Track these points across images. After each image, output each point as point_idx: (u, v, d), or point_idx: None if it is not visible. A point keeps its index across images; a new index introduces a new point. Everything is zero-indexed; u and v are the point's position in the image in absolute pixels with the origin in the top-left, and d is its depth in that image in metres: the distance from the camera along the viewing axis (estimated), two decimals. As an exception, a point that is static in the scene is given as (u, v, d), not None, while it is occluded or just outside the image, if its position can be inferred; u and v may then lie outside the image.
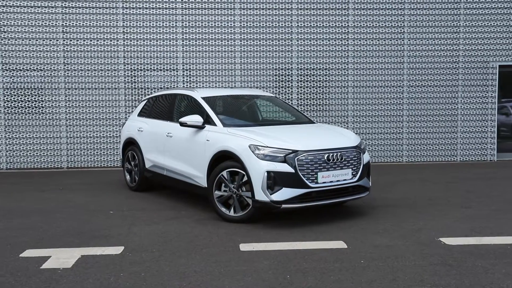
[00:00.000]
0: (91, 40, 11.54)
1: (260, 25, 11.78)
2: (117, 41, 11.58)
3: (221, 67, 11.81)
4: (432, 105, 12.23)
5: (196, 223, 6.73)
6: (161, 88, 11.73)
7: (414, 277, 4.67)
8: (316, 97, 11.98)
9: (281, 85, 11.91)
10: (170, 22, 11.64)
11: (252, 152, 6.40)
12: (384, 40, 12.02)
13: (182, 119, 7.28)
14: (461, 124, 12.32)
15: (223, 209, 6.75)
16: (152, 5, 11.59)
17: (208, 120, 7.27)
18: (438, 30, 12.10)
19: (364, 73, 12.06)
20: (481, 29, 12.16)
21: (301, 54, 11.90)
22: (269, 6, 11.77)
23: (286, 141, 6.50)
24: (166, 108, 8.37)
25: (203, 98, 7.63)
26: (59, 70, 11.51)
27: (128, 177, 9.08)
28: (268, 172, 6.26)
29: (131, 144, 8.99)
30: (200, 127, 7.24)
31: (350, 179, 6.70)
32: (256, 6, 11.75)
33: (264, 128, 7.11)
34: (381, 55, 12.05)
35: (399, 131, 12.17)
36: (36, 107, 11.53)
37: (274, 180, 6.25)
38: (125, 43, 11.59)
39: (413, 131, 12.22)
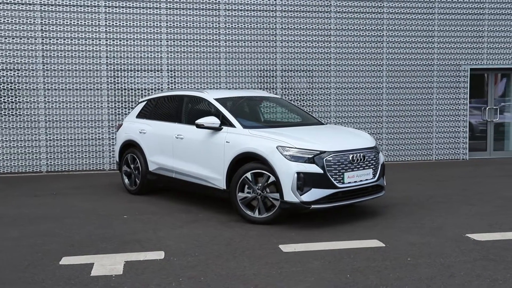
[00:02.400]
0: (71, 40, 11.15)
1: (244, 26, 11.78)
2: (99, 40, 11.25)
3: (206, 68, 11.72)
4: (409, 106, 12.65)
5: (220, 225, 6.67)
6: (145, 89, 11.50)
7: (469, 273, 4.86)
8: (300, 98, 12.11)
9: (265, 86, 11.96)
10: (154, 22, 11.44)
11: (281, 153, 6.42)
12: (365, 43, 12.32)
13: (199, 121, 7.19)
14: (436, 124, 12.81)
15: (248, 211, 6.73)
16: (136, 4, 11.35)
17: (224, 122, 7.21)
18: (414, 34, 12.52)
19: (346, 75, 12.31)
20: (454, 34, 12.70)
21: (285, 56, 12.00)
22: (254, 7, 11.80)
23: (312, 142, 6.57)
24: (173, 109, 8.22)
25: (216, 100, 7.57)
26: (37, 70, 11.05)
27: (126, 180, 8.85)
28: (298, 173, 6.30)
29: (130, 147, 8.77)
30: (217, 129, 7.18)
31: (371, 178, 6.86)
32: (241, 7, 11.75)
33: (283, 130, 7.13)
34: (362, 58, 12.34)
35: (379, 132, 12.51)
36: (13, 108, 11.01)
37: (304, 181, 6.30)
38: (108, 43, 11.28)
39: (392, 132, 12.59)
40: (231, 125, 7.14)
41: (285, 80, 12.06)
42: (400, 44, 12.49)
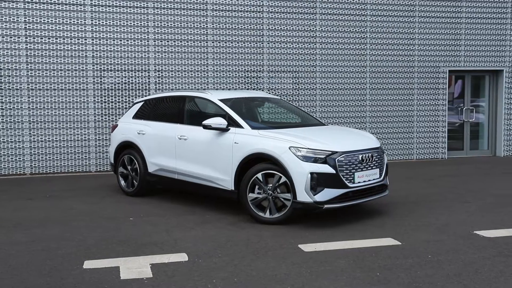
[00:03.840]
0: (56, 39, 10.89)
1: (232, 26, 11.79)
2: (85, 40, 11.03)
3: (194, 68, 11.66)
4: (391, 106, 12.92)
5: (231, 226, 6.67)
6: (132, 89, 11.34)
7: (492, 269, 5.03)
8: (287, 99, 12.19)
9: (252, 87, 12.00)
10: (141, 22, 11.30)
11: (294, 154, 6.47)
12: (349, 45, 12.52)
13: (206, 122, 7.17)
14: (417, 124, 13.13)
15: (259, 212, 6.75)
16: (122, 3, 11.18)
17: (230, 122, 7.21)
18: (396, 36, 12.80)
19: (331, 75, 12.47)
20: (433, 37, 13.05)
21: (272, 57, 12.07)
22: (241, 8, 11.81)
23: (323, 143, 6.65)
24: (174, 110, 8.15)
25: (221, 100, 7.56)
26: (21, 69, 10.75)
27: (123, 182, 8.72)
28: (312, 173, 6.37)
29: (127, 148, 8.65)
30: (224, 130, 7.17)
31: (378, 178, 7.00)
32: (228, 8, 11.74)
33: (291, 130, 7.19)
34: (346, 59, 12.53)
35: (363, 132, 12.71)
36: (-5, 109, 10.70)
37: (317, 181, 6.38)
38: (94, 42, 11.07)
39: (375, 132, 12.81)
40: (238, 126, 7.14)
41: (272, 80, 12.13)
42: (383, 46, 12.75)
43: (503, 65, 13.58)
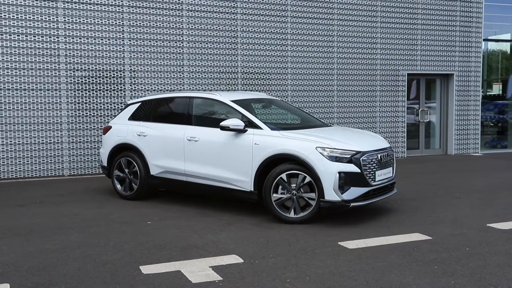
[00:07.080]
0: (27, 36, 10.32)
1: (207, 27, 11.71)
2: (58, 37, 10.53)
3: (169, 69, 11.46)
4: (357, 108, 13.40)
5: (258, 227, 6.68)
6: (107, 90, 10.96)
7: (532, 257, 5.43)
8: (260, 100, 12.29)
9: (228, 88, 11.99)
10: (116, 21, 10.95)
11: (321, 154, 6.60)
12: (318, 48, 12.83)
13: (224, 123, 7.12)
14: (379, 125, 13.69)
15: (283, 212, 6.81)
16: (97, 1, 10.78)
17: (246, 124, 7.20)
18: (360, 41, 13.29)
19: (301, 77, 12.73)
20: (394, 41, 13.68)
21: (246, 58, 12.12)
22: (216, 9, 11.77)
23: (346, 143, 6.83)
24: (180, 111, 7.99)
25: (234, 102, 7.54)
26: (-12, 68, 10.10)
27: (119, 186, 8.44)
28: (339, 172, 6.52)
29: (124, 150, 8.38)
30: (241, 131, 7.16)
31: (391, 176, 7.29)
32: (203, 8, 11.65)
33: (309, 131, 7.30)
34: (316, 61, 12.84)
35: (331, 133, 13.07)
36: (-40, 110, 9.96)
37: (345, 180, 6.54)
38: (67, 41, 10.59)
39: (342, 132, 13.22)
40: (256, 127, 7.16)
41: (246, 82, 12.18)
42: (349, 50, 13.18)
43: (453, 69, 14.47)
